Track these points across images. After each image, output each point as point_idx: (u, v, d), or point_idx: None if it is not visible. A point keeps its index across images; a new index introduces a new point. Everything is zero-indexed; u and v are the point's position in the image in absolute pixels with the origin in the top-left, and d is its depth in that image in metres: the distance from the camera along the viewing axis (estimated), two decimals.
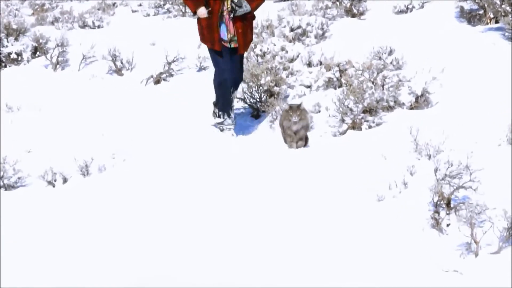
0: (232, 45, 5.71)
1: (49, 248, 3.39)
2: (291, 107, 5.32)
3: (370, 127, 5.53)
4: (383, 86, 5.91)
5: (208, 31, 5.64)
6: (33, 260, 3.26)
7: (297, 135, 5.31)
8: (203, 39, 5.75)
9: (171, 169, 4.51)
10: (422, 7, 8.94)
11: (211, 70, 8.38)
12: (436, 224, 3.46)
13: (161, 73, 8.08)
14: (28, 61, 8.45)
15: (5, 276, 3.10)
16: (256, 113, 6.64)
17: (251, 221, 3.62)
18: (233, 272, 3.08)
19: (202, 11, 5.56)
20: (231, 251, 3.31)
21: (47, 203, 4.04)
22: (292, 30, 8.07)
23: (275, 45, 7.78)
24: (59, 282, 3.03)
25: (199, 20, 5.69)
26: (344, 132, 5.63)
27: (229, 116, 5.97)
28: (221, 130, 6.00)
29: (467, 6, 7.89)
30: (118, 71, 8.33)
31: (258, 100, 6.64)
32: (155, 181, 4.23)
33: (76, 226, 3.67)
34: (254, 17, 5.82)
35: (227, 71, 5.79)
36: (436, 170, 3.58)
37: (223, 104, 5.95)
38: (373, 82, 5.97)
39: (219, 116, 6.02)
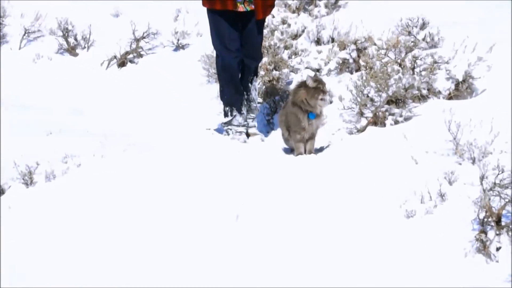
0: (249, 8, 5.60)
1: None
2: (317, 80, 5.28)
3: (396, 122, 5.52)
4: (413, 69, 5.90)
5: None
6: None
7: (312, 128, 5.29)
8: None
9: (140, 177, 4.48)
10: None
11: (191, 49, 8.39)
12: (483, 247, 3.45)
13: (127, 53, 8.06)
14: None
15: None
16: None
17: (259, 245, 3.61)
18: None
19: None
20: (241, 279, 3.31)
21: None
22: None
23: (273, 16, 7.77)
24: None
25: None
26: (363, 129, 5.62)
27: (239, 111, 5.89)
28: (228, 134, 5.92)
29: None
30: (71, 50, 8.30)
31: None
32: (118, 192, 4.20)
33: (15, 252, 3.64)
34: None
35: (236, 49, 5.69)
36: (482, 178, 3.56)
37: (230, 96, 5.86)
38: (400, 65, 5.96)
39: (225, 114, 5.94)
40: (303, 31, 7.69)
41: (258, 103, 6.25)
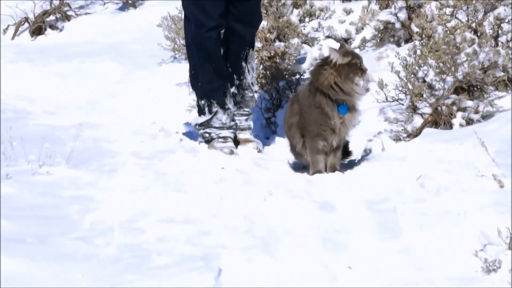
0: None
1: None
2: (348, 52, 5.26)
3: (469, 121, 5.51)
4: (496, 38, 5.88)
5: None
6: None
7: (344, 129, 5.28)
8: None
9: (60, 220, 4.43)
10: None
11: (147, 7, 8.38)
12: None
13: (45, 14, 8.04)
14: None
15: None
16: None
17: None
18: None
19: None
20: None
21: None
22: None
23: None
24: None
25: None
26: (417, 132, 5.61)
27: (222, 106, 5.93)
28: (207, 141, 5.97)
29: None
30: None
31: None
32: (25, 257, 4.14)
33: None
34: None
35: (218, 14, 5.75)
36: None
37: (207, 83, 5.91)
38: (476, 31, 5.94)
39: (200, 111, 5.99)
40: None
41: (255, 92, 6.26)
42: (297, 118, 5.40)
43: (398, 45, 6.88)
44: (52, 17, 8.06)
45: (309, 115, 5.30)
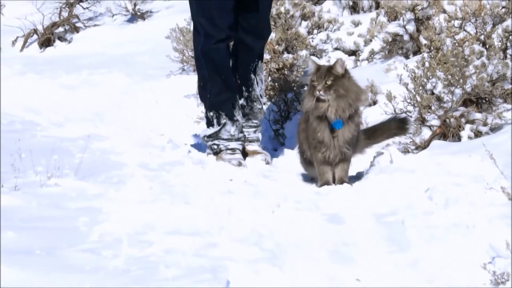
0: None
1: None
2: (318, 68, 5.22)
3: (478, 133, 5.49)
4: (504, 50, 5.87)
5: None
6: None
7: (337, 142, 5.23)
8: None
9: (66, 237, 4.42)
10: None
11: (156, 19, 8.38)
12: None
13: (54, 25, 8.04)
14: None
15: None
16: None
17: None
18: None
19: None
20: None
21: None
22: None
23: None
24: None
25: None
26: (425, 145, 5.58)
27: (231, 118, 5.94)
28: (216, 153, 5.97)
29: None
30: None
31: None
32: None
33: None
34: None
35: (227, 26, 5.76)
36: None
37: (215, 94, 5.92)
38: (484, 44, 5.93)
39: (209, 122, 6.00)
40: None
41: (263, 103, 6.25)
42: (306, 126, 5.39)
43: (407, 57, 6.86)
44: (61, 29, 8.07)
45: (310, 125, 5.30)
